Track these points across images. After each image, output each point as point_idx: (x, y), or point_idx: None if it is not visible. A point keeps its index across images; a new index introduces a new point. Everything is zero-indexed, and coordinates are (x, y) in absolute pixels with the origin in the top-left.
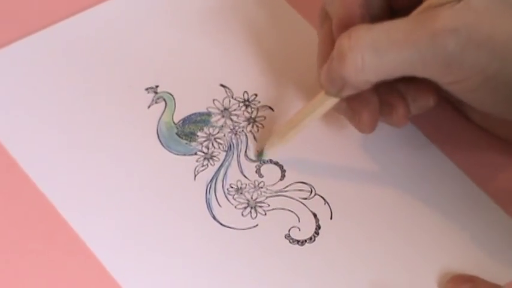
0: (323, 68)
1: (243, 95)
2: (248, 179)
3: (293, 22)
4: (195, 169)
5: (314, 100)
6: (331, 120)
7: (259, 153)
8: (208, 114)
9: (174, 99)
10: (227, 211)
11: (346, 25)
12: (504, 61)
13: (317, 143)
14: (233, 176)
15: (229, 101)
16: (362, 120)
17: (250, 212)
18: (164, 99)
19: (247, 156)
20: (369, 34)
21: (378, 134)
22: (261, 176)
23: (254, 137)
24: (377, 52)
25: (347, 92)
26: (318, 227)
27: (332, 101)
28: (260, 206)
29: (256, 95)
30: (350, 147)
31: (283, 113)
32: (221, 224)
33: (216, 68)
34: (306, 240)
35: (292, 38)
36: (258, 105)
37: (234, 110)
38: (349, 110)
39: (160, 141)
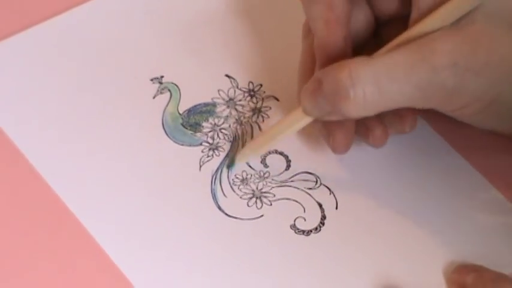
0: (305, 89)
1: (248, 85)
2: (253, 169)
3: (298, 12)
4: (200, 160)
5: (290, 116)
6: None
7: (230, 163)
8: (213, 104)
9: (179, 89)
10: (232, 201)
11: (328, 46)
12: (503, 85)
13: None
14: (238, 166)
15: (234, 91)
16: (336, 141)
17: (256, 202)
18: (169, 90)
19: None
20: (368, 70)
21: None
22: (266, 166)
23: (259, 127)
24: (378, 89)
25: (332, 119)
26: (324, 217)
27: (307, 120)
28: (265, 197)
29: (261, 85)
30: (356, 138)
31: (289, 103)
32: (226, 214)
33: (221, 58)
34: (311, 231)
35: (298, 28)
36: (263, 95)
37: (239, 100)
38: (323, 129)
39: (165, 132)
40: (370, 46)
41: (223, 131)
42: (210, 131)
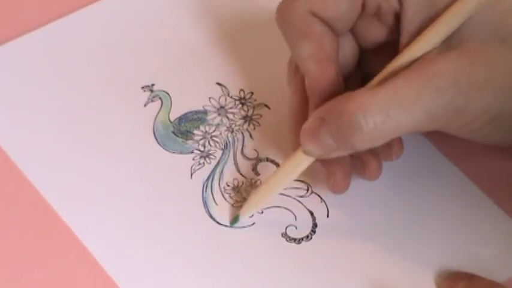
0: (305, 130)
1: (239, 93)
2: (245, 177)
3: None
4: (192, 167)
5: (289, 162)
6: None
7: (234, 219)
8: (205, 112)
9: (170, 97)
10: (224, 209)
11: (321, 85)
12: (506, 98)
13: None
14: (230, 174)
15: (226, 99)
16: (337, 181)
17: None
18: (160, 98)
19: (243, 154)
20: (376, 101)
21: None
22: (257, 174)
23: (250, 135)
24: (388, 117)
25: (335, 156)
26: (315, 225)
27: (308, 162)
28: None
29: (252, 93)
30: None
31: (279, 111)
32: (218, 222)
33: (212, 66)
34: (302, 239)
35: None
36: (254, 103)
37: (230, 108)
38: (323, 170)
39: (156, 140)
40: (356, 76)
41: (214, 138)
42: (201, 139)
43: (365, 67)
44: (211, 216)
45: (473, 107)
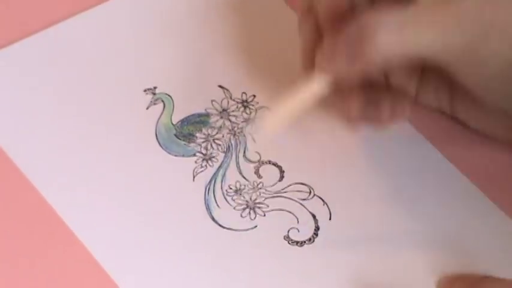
0: (325, 44)
1: (242, 96)
2: (247, 180)
3: (292, 23)
4: (194, 170)
5: (302, 85)
6: (330, 120)
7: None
8: (207, 115)
9: (172, 100)
10: (226, 212)
11: (336, 11)
12: None
13: (316, 144)
14: (232, 177)
15: (228, 102)
16: (352, 110)
17: (249, 213)
18: (162, 101)
19: (245, 157)
20: (393, 13)
21: (378, 135)
22: (259, 176)
23: (253, 138)
24: (402, 31)
25: (351, 72)
26: (317, 228)
27: (322, 83)
28: (259, 207)
29: (254, 96)
30: (349, 148)
31: None
32: (220, 225)
33: (214, 69)
34: (305, 241)
35: (291, 39)
36: (257, 106)
37: (233, 111)
38: (337, 101)
39: (158, 143)
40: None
41: (216, 141)
42: (203, 142)
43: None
44: (213, 219)
45: (490, 47)
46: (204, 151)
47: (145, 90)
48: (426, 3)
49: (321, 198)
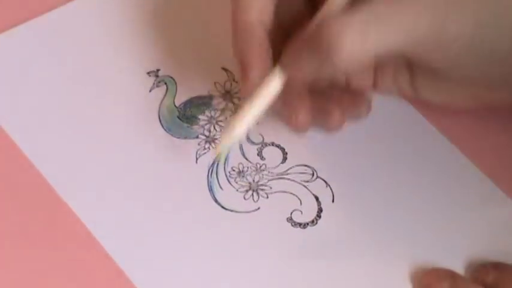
0: (289, 49)
1: None
2: (250, 161)
3: None
4: (197, 152)
5: (261, 88)
6: None
7: (217, 155)
8: (210, 97)
9: (175, 82)
10: (229, 194)
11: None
12: (486, 26)
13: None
14: (235, 159)
15: (231, 84)
16: (299, 119)
17: (252, 195)
18: (165, 83)
19: (248, 139)
20: (356, 18)
21: (380, 117)
22: (262, 158)
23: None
24: (367, 35)
25: (318, 76)
26: (320, 210)
27: (279, 83)
28: (262, 189)
29: None
30: (352, 130)
31: None
32: (223, 207)
33: (217, 51)
34: (308, 223)
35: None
36: None
37: (236, 93)
38: (285, 109)
39: (161, 125)
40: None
41: (219, 123)
42: (206, 124)
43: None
44: (216, 201)
45: (449, 30)
46: (207, 133)
47: (148, 73)
48: (384, 2)
49: (323, 180)
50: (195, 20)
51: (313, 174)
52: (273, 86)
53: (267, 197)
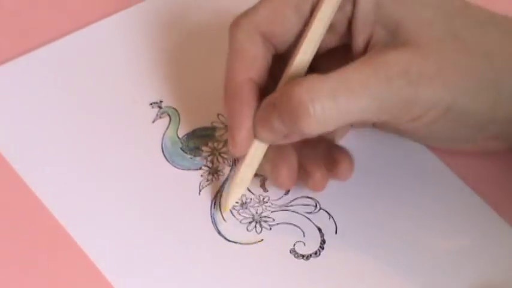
0: (258, 116)
1: None
2: (253, 193)
3: None
4: (200, 184)
5: (247, 154)
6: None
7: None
8: (213, 128)
9: (178, 114)
10: (232, 226)
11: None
12: (457, 91)
13: None
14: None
15: None
16: (281, 176)
17: (255, 226)
18: (168, 114)
19: None
20: (325, 85)
21: (383, 148)
22: (265, 190)
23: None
24: (336, 103)
25: (289, 141)
26: (323, 242)
27: (263, 149)
28: (265, 221)
29: None
30: (354, 161)
31: None
32: (226, 239)
33: (220, 82)
34: (311, 255)
35: None
36: None
37: None
38: (268, 165)
39: (164, 156)
40: None
41: (222, 155)
42: (209, 155)
43: (316, 72)
44: (219, 233)
45: (423, 99)
46: (210, 164)
47: (151, 104)
48: (355, 64)
49: (326, 212)
50: (198, 52)
51: (316, 206)
52: (262, 145)
53: (270, 229)
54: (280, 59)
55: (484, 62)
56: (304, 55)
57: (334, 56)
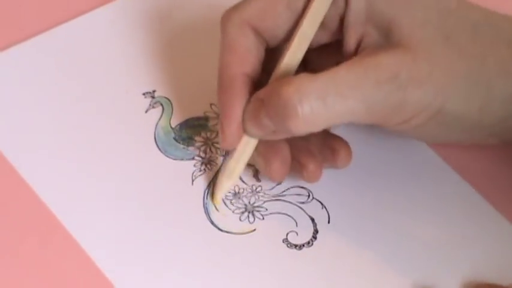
0: (247, 111)
1: None
2: (245, 183)
3: None
4: (193, 174)
5: (237, 148)
6: None
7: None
8: (206, 118)
9: (171, 103)
10: (225, 216)
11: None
12: (447, 94)
13: None
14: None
15: None
16: (273, 169)
17: (248, 216)
18: (161, 104)
19: None
20: (314, 86)
21: (376, 138)
22: (258, 180)
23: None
24: (324, 104)
25: (278, 137)
26: (316, 231)
27: (253, 143)
28: (258, 211)
29: None
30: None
31: None
32: (219, 229)
33: (213, 72)
34: (303, 245)
35: None
36: None
37: None
38: (260, 159)
39: (157, 146)
40: None
41: (215, 145)
42: (202, 145)
43: (309, 67)
44: (212, 223)
45: (413, 103)
46: (202, 155)
47: (144, 94)
48: (346, 65)
49: (319, 202)
50: (191, 42)
51: (309, 196)
52: (252, 140)
53: (263, 219)
54: (274, 52)
55: (476, 64)
56: (295, 52)
57: (327, 51)
